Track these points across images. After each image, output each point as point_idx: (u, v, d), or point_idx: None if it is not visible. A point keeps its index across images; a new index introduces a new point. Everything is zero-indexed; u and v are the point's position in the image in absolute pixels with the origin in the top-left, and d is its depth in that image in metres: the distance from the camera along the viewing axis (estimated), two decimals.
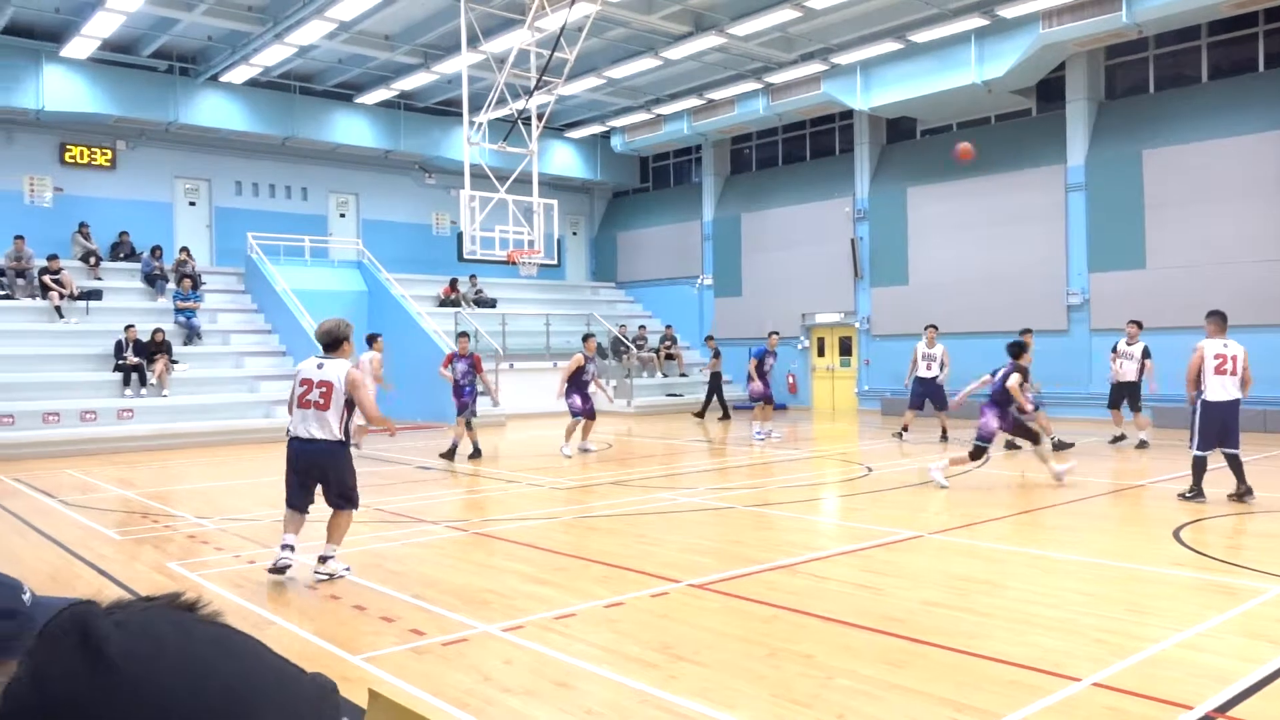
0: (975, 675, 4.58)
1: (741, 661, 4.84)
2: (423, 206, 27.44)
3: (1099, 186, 19.86)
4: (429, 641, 5.26)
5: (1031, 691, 4.31)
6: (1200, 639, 5.10)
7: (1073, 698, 4.27)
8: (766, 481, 11.74)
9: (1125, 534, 8.11)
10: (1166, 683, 4.41)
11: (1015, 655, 4.84)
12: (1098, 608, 5.79)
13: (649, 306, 29.47)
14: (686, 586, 6.38)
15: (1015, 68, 19.07)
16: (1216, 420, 9.30)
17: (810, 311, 25.15)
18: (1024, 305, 20.76)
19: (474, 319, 23.22)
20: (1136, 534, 8.04)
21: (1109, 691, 4.33)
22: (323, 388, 6.79)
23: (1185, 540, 7.67)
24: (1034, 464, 11.73)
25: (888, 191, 23.53)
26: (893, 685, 4.45)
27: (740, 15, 18.66)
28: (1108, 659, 4.75)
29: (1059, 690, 4.34)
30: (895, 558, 7.31)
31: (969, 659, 4.81)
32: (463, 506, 10.10)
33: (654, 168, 30.57)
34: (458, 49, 18.98)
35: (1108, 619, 5.51)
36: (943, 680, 4.51)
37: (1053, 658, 4.78)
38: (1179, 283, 18.52)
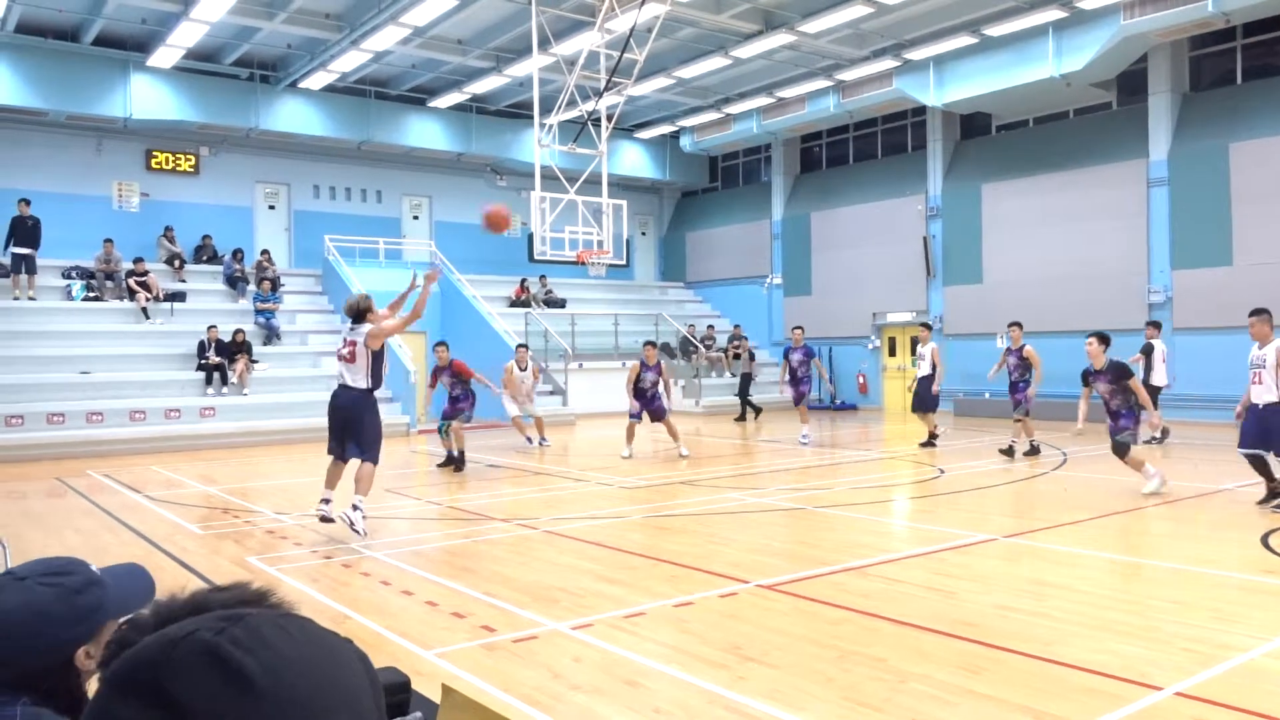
0: (1053, 682, 4.47)
1: (811, 663, 4.80)
2: None
3: (1183, 181, 19.20)
4: (500, 638, 5.32)
5: (1113, 700, 4.20)
6: None
7: (1155, 706, 4.15)
8: (837, 483, 11.62)
9: (1210, 539, 7.83)
10: (1256, 694, 4.26)
11: (1095, 662, 4.71)
12: (1182, 615, 5.60)
13: (717, 306, 29.39)
14: (755, 587, 6.35)
15: (1095, 60, 18.54)
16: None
17: (881, 311, 24.80)
18: (1103, 303, 20.20)
19: (544, 319, 23.44)
20: (1222, 539, 7.76)
21: (1194, 702, 4.19)
22: (350, 345, 8.47)
23: (1275, 547, 7.38)
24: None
25: (961, 188, 23.09)
26: (967, 691, 4.37)
27: (811, 12, 18.49)
28: (1193, 668, 4.60)
29: (1141, 699, 4.22)
30: (968, 561, 7.17)
31: (1047, 665, 4.70)
32: (533, 504, 10.21)
33: (723, 167, 30.47)
34: (528, 52, 19.17)
35: (1192, 626, 5.33)
36: (1020, 687, 4.41)
37: (1135, 666, 4.65)
38: (1269, 280, 17.79)
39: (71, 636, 1.42)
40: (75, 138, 21.62)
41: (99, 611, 1.45)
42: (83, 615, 1.43)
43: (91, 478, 12.87)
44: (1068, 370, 20.56)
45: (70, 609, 1.42)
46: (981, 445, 15.59)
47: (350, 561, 7.44)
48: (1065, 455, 13.98)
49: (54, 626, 1.40)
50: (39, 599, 1.40)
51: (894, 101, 22.73)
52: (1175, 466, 12.50)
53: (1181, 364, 19.16)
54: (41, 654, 1.39)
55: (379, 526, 9.15)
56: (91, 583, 1.46)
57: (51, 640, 1.40)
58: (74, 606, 1.42)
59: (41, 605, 1.40)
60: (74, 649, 1.42)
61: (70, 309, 19.44)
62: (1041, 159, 21.59)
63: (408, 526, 9.29)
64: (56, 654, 1.40)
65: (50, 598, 1.41)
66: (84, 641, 1.43)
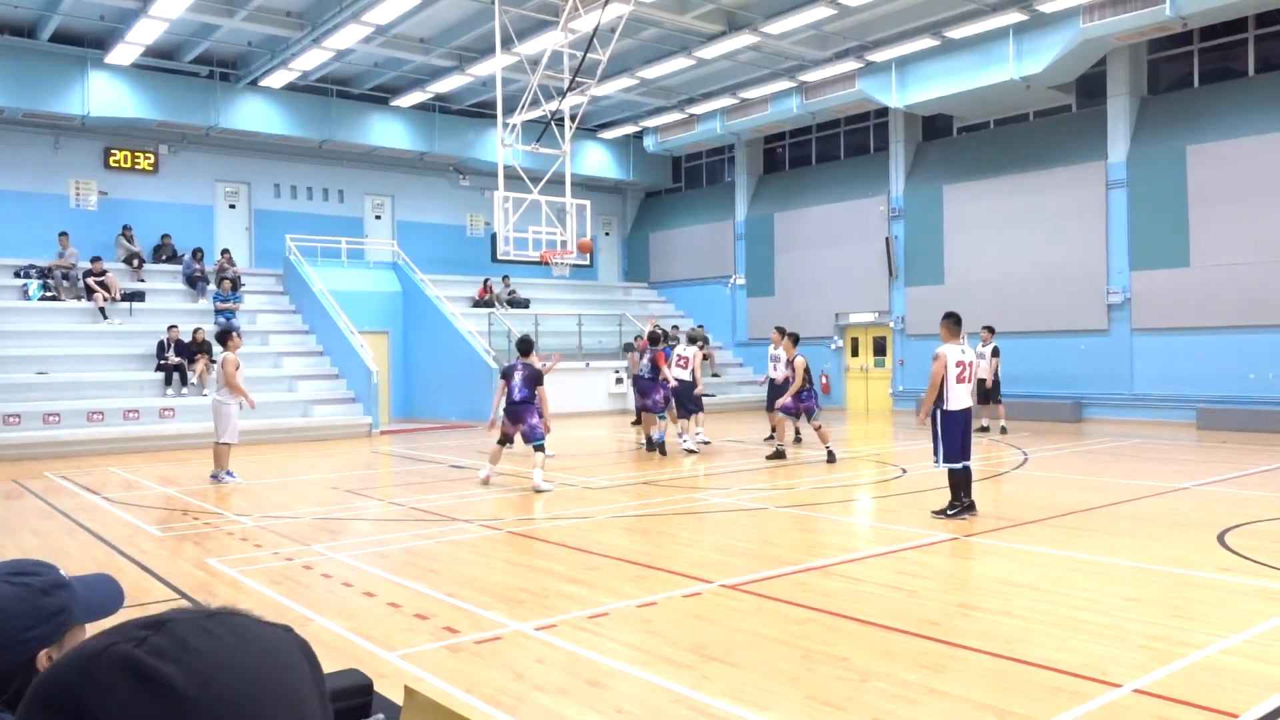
0: (1016, 681, 4.50)
1: (775, 663, 4.80)
2: (457, 208, 27.61)
3: (1141, 183, 19.52)
4: (463, 639, 5.27)
5: (1074, 698, 4.23)
6: (1248, 645, 4.98)
7: (1116, 704, 4.19)
8: (800, 482, 11.66)
9: (1169, 538, 7.94)
10: (1213, 690, 4.31)
11: (1057, 660, 4.75)
12: (1142, 613, 5.67)
13: (681, 306, 29.43)
14: (720, 587, 6.35)
15: (1055, 63, 18.79)
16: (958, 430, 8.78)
17: (844, 311, 24.97)
18: (1063, 304, 20.50)
19: (507, 319, 23.33)
20: (1181, 538, 7.88)
21: (1154, 699, 4.23)
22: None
23: (1231, 545, 7.50)
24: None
25: (923, 189, 23.31)
26: (931, 690, 4.39)
27: (774, 14, 18.56)
28: (1152, 665, 4.65)
29: (1101, 696, 4.26)
30: (930, 560, 7.22)
31: (1009, 664, 4.73)
32: (497, 505, 10.14)
33: (687, 168, 30.52)
34: (492, 51, 19.06)
35: (1153, 624, 5.40)
36: (983, 685, 4.44)
37: (1096, 663, 4.69)
38: (1225, 282, 18.14)
39: (34, 637, 1.39)
40: (32, 135, 21.17)
41: (64, 614, 1.42)
42: (46, 616, 1.40)
43: (49, 479, 12.61)
44: (1033, 371, 20.88)
45: (34, 609, 1.39)
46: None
47: (312, 563, 7.34)
48: (1026, 455, 14.14)
49: (15, 625, 1.37)
50: (2, 596, 1.37)
51: (856, 103, 22.89)
52: (1135, 465, 12.69)
53: (1140, 364, 19.50)
54: (1, 651, 1.36)
55: (341, 527, 9.04)
56: (58, 585, 1.44)
57: (11, 639, 1.36)
58: (38, 607, 1.39)
59: (3, 603, 1.36)
60: (37, 649, 1.39)
61: (27, 309, 19.04)
62: (1002, 161, 21.85)
63: (371, 528, 9.19)
64: (18, 652, 1.37)
65: (13, 596, 1.38)
66: (47, 644, 1.40)
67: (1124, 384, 19.65)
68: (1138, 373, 19.48)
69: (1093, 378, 20.09)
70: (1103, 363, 19.92)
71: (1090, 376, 20.13)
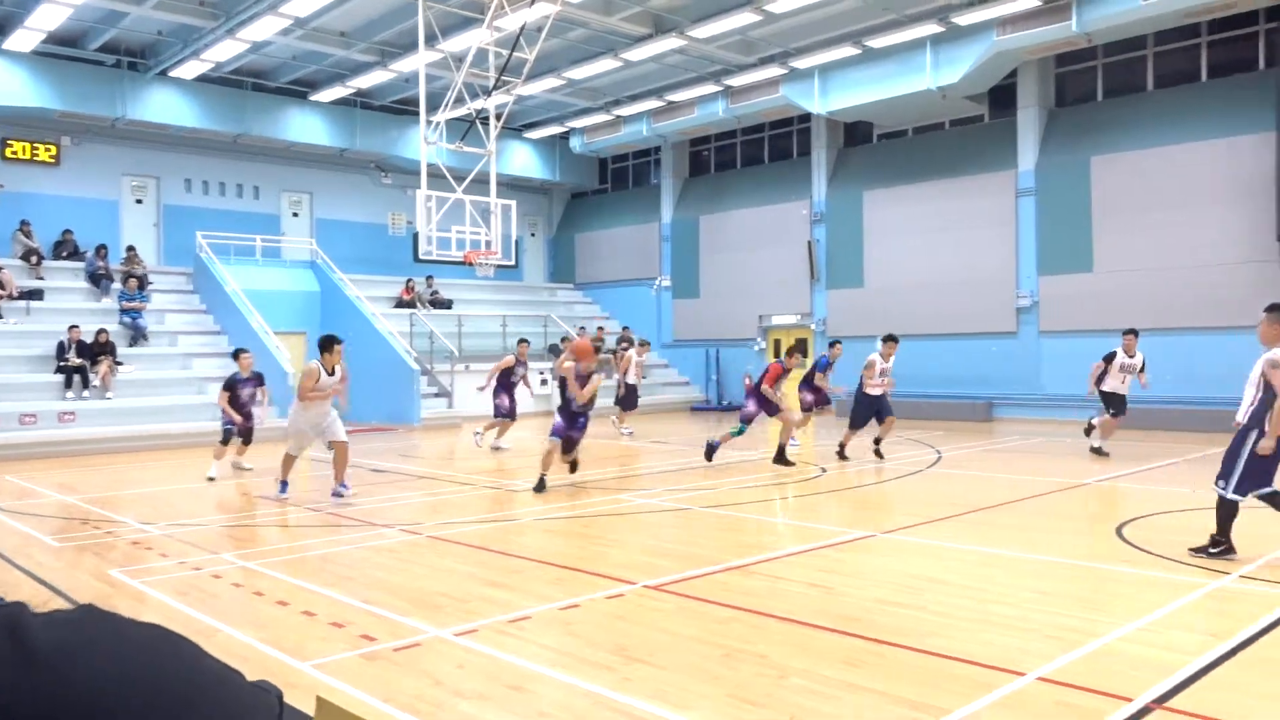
0: (931, 673, 4.61)
1: (697, 662, 4.83)
2: (379, 206, 27.16)
3: (1049, 192, 20.21)
4: (380, 647, 5.18)
5: (984, 688, 4.35)
6: (1143, 633, 5.19)
7: (1022, 692, 4.32)
8: (723, 483, 11.77)
9: (1073, 531, 8.24)
10: (1110, 676, 4.48)
11: (969, 652, 4.88)
12: (1048, 604, 5.87)
13: (607, 308, 29.44)
14: (643, 588, 6.36)
15: (969, 74, 19.33)
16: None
17: (767, 313, 25.30)
18: (976, 308, 21.10)
19: (430, 320, 23.02)
20: (1083, 532, 8.17)
21: (1056, 686, 4.38)
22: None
23: (1129, 538, 7.81)
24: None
25: (844, 194, 23.74)
26: (849, 684, 4.47)
27: (700, 18, 18.70)
28: (1056, 654, 4.82)
29: (1008, 685, 4.39)
30: (849, 557, 7.35)
31: (924, 657, 4.84)
32: (417, 510, 10.00)
33: (613, 169, 30.56)
34: (415, 47, 18.80)
35: (1058, 615, 5.59)
36: (898, 679, 4.53)
37: (1006, 654, 4.84)
38: (1126, 286, 18.90)
39: None
40: None
41: None
42: None
43: None
44: (947, 372, 21.45)
45: None
46: (861, 445, 16.03)
47: (221, 572, 7.13)
48: (940, 453, 14.49)
49: None
50: None
51: (781, 108, 23.20)
52: (1041, 462, 13.11)
53: (1047, 365, 20.18)
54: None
55: (253, 535, 8.82)
56: None
57: None
58: None
59: None
60: None
61: None
62: (919, 168, 22.39)
63: (284, 534, 8.97)
64: None
65: None
66: None
67: (1032, 384, 20.32)
68: (1045, 373, 20.16)
69: (1003, 379, 20.74)
70: (1012, 364, 20.58)
71: (1000, 377, 20.77)
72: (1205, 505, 9.31)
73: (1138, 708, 4.09)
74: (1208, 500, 9.63)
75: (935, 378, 21.45)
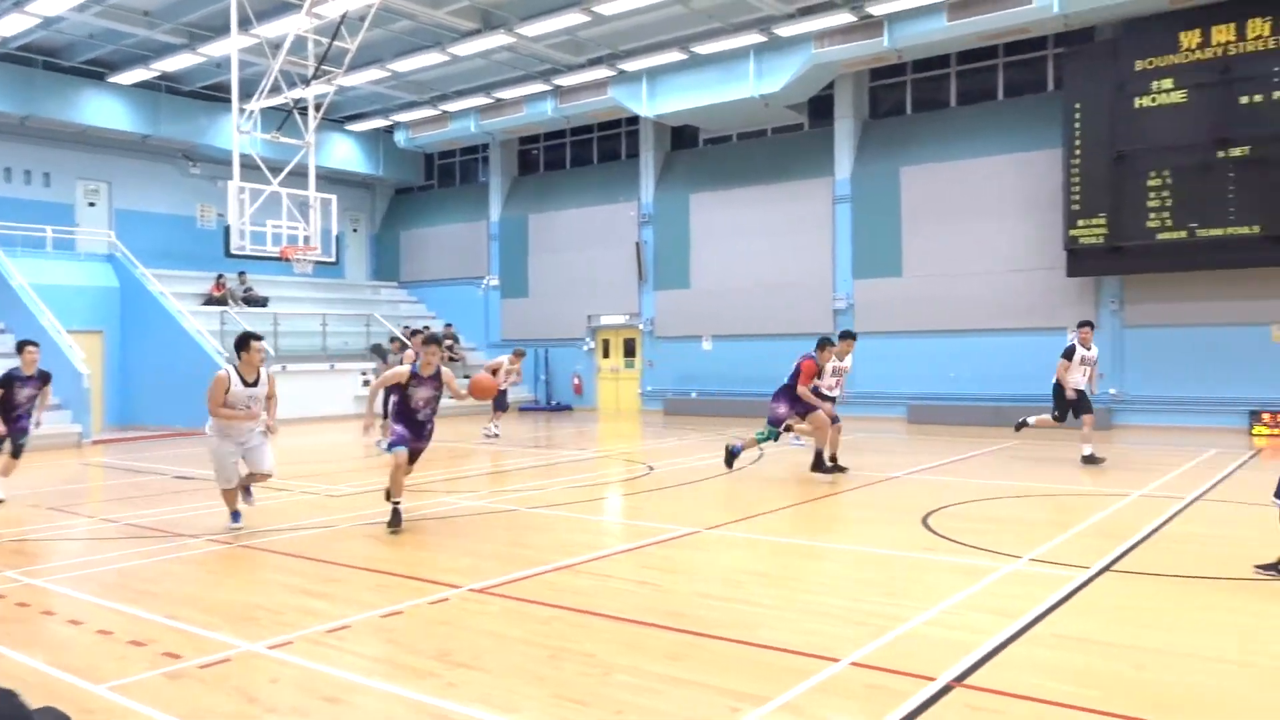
0: (750, 664, 4.75)
1: (523, 664, 4.80)
2: (186, 197, 25.59)
3: (863, 199, 21.30)
4: (185, 665, 4.87)
5: (800, 675, 4.52)
6: (945, 616, 5.54)
7: (836, 677, 4.52)
8: (550, 483, 11.75)
9: (883, 522, 8.70)
10: (916, 658, 4.76)
11: (787, 642, 5.06)
12: (860, 592, 6.18)
13: (433, 307, 28.86)
14: (468, 591, 6.26)
15: (790, 84, 20.10)
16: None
17: (596, 313, 25.48)
18: (796, 310, 21.97)
19: (242, 319, 21.88)
20: (893, 522, 8.65)
21: (868, 670, 4.61)
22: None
23: (933, 527, 8.32)
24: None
25: (671, 197, 24.20)
26: (672, 678, 4.54)
27: (529, 16, 18.61)
28: (867, 639, 5.07)
29: (823, 671, 4.58)
30: (675, 553, 7.49)
31: (744, 648, 4.99)
32: (227, 518, 9.47)
33: (440, 165, 29.99)
34: (227, 30, 17.83)
35: (868, 602, 5.89)
36: (719, 670, 4.65)
37: (821, 641, 5.04)
38: (932, 290, 20.17)
39: None
40: None
41: None
42: None
43: None
44: (769, 372, 22.19)
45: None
46: (688, 443, 16.38)
47: (5, 592, 6.52)
48: (762, 451, 14.99)
49: None
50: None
51: (609, 110, 23.40)
52: (855, 457, 13.78)
53: (861, 364, 21.22)
54: None
55: (41, 550, 8.11)
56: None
57: None
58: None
59: None
60: None
61: None
62: (744, 173, 23.11)
63: (78, 548, 8.29)
64: None
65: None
66: None
67: (848, 383, 21.29)
68: (858, 372, 21.21)
69: None
70: None
71: None
72: (1000, 495, 10.05)
73: (940, 686, 4.35)
74: (1000, 490, 10.40)
75: (757, 377, 22.17)
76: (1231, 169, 16.75)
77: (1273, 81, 16.39)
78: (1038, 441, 15.22)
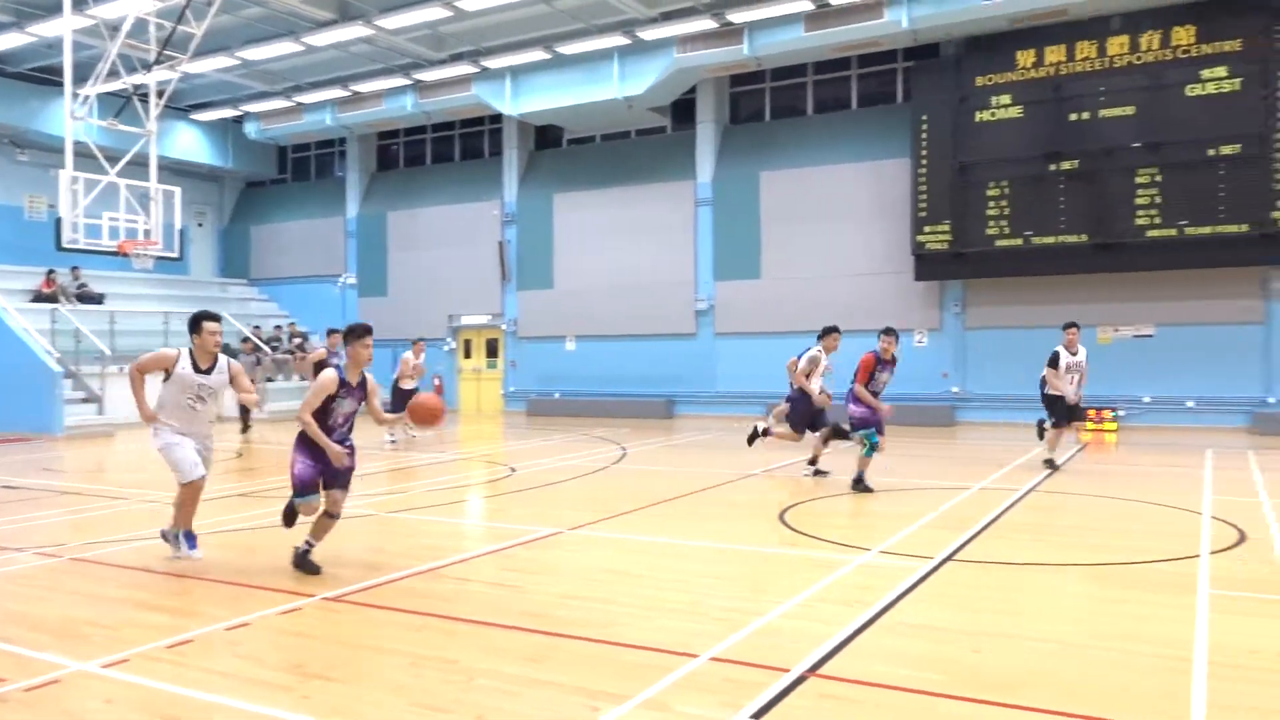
0: (609, 663, 4.77)
1: (381, 673, 4.67)
2: (13, 186, 23.80)
3: (724, 202, 21.75)
4: (9, 688, 4.52)
5: (660, 672, 4.57)
6: (798, 609, 5.71)
7: (695, 672, 4.59)
8: (410, 486, 11.50)
9: (743, 519, 8.90)
10: (773, 650, 4.88)
11: (647, 639, 5.11)
12: (720, 588, 6.30)
13: (286, 305, 27.81)
14: (321, 600, 6.05)
15: (653, 87, 20.32)
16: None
17: (457, 313, 25.12)
18: (659, 310, 22.25)
19: (75, 316, 20.52)
20: (751, 518, 8.86)
21: (726, 664, 4.70)
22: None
23: (790, 522, 8.57)
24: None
25: (535, 197, 24.09)
26: (533, 680, 4.51)
27: (389, 8, 18.17)
28: (726, 634, 5.17)
29: (683, 667, 4.64)
30: (536, 555, 7.45)
31: (605, 647, 5.00)
32: (59, 529, 8.86)
33: (294, 158, 28.92)
34: (59, 9, 16.68)
35: (728, 598, 6.01)
36: (580, 670, 4.65)
37: (681, 638, 5.11)
38: (790, 292, 20.78)
39: None
40: None
41: None
42: None
43: None
44: (632, 371, 22.42)
45: None
46: (551, 444, 16.33)
47: None
48: (624, 450, 15.09)
49: None
50: None
51: (472, 107, 23.08)
52: (717, 456, 14.05)
53: (723, 365, 21.68)
54: None
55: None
56: None
57: None
58: None
59: None
60: None
61: None
62: (608, 174, 23.23)
63: None
64: None
65: None
66: None
67: (709, 383, 21.76)
68: (720, 373, 21.68)
69: (683, 378, 22.04)
70: (691, 364, 21.93)
71: (681, 376, 22.06)
72: (842, 491, 10.45)
73: (794, 677, 4.48)
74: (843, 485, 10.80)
75: (621, 377, 22.44)
76: (1062, 181, 17.93)
77: (1099, 100, 17.63)
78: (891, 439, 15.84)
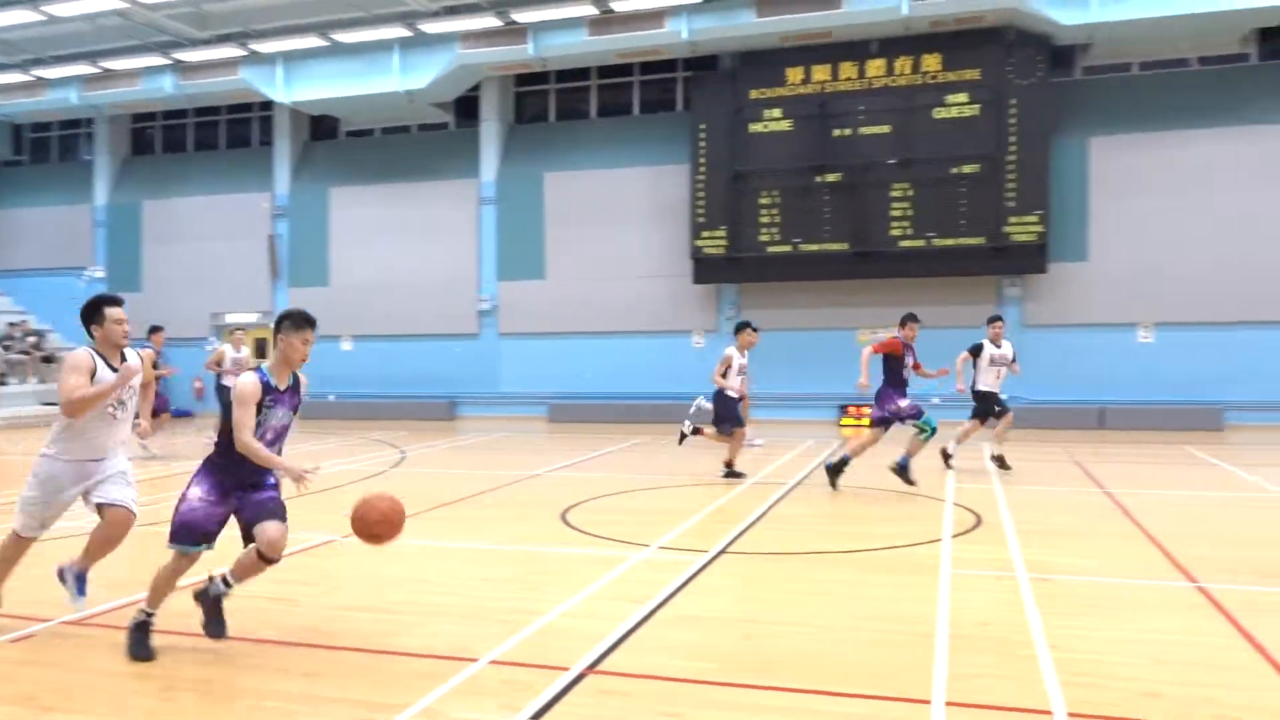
0: (387, 674, 4.63)
1: (128, 700, 4.32)
2: None
3: (508, 202, 21.67)
4: None
5: (439, 679, 4.49)
6: (579, 607, 5.77)
7: (475, 677, 4.54)
8: (167, 497, 10.67)
9: (524, 519, 8.90)
10: (551, 650, 4.91)
11: (426, 647, 5.00)
12: (499, 590, 6.27)
13: (23, 300, 25.19)
14: (60, 625, 5.52)
15: (436, 82, 19.94)
16: None
17: (221, 310, 23.63)
18: (441, 310, 21.87)
19: None
20: (532, 518, 8.87)
21: (506, 666, 4.68)
22: None
23: (571, 521, 8.65)
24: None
25: (310, 190, 23.04)
26: (308, 697, 4.31)
27: None
28: (505, 636, 5.14)
29: (462, 673, 4.58)
30: (313, 564, 7.13)
31: (383, 658, 4.86)
32: None
33: (32, 138, 26.22)
34: None
35: (507, 599, 5.99)
36: (357, 683, 4.49)
37: (460, 643, 5.04)
38: (572, 293, 20.98)
39: None
40: None
41: None
42: None
43: None
44: (413, 372, 21.87)
45: None
46: (326, 447, 15.70)
47: None
48: (404, 453, 14.74)
49: None
50: None
51: (239, 92, 21.81)
52: (498, 456, 13.97)
53: (505, 365, 21.60)
54: None
55: None
56: None
57: None
58: None
59: None
60: None
61: None
62: (388, 169, 22.56)
63: None
64: None
65: None
66: None
67: (492, 383, 21.62)
68: (503, 373, 21.58)
69: (465, 378, 21.78)
70: (474, 364, 21.71)
71: (463, 377, 21.79)
72: (634, 488, 10.68)
73: (574, 675, 4.53)
74: (634, 483, 11.05)
75: (400, 377, 21.87)
76: (826, 193, 19.13)
77: (859, 118, 18.95)
78: (672, 435, 16.33)
